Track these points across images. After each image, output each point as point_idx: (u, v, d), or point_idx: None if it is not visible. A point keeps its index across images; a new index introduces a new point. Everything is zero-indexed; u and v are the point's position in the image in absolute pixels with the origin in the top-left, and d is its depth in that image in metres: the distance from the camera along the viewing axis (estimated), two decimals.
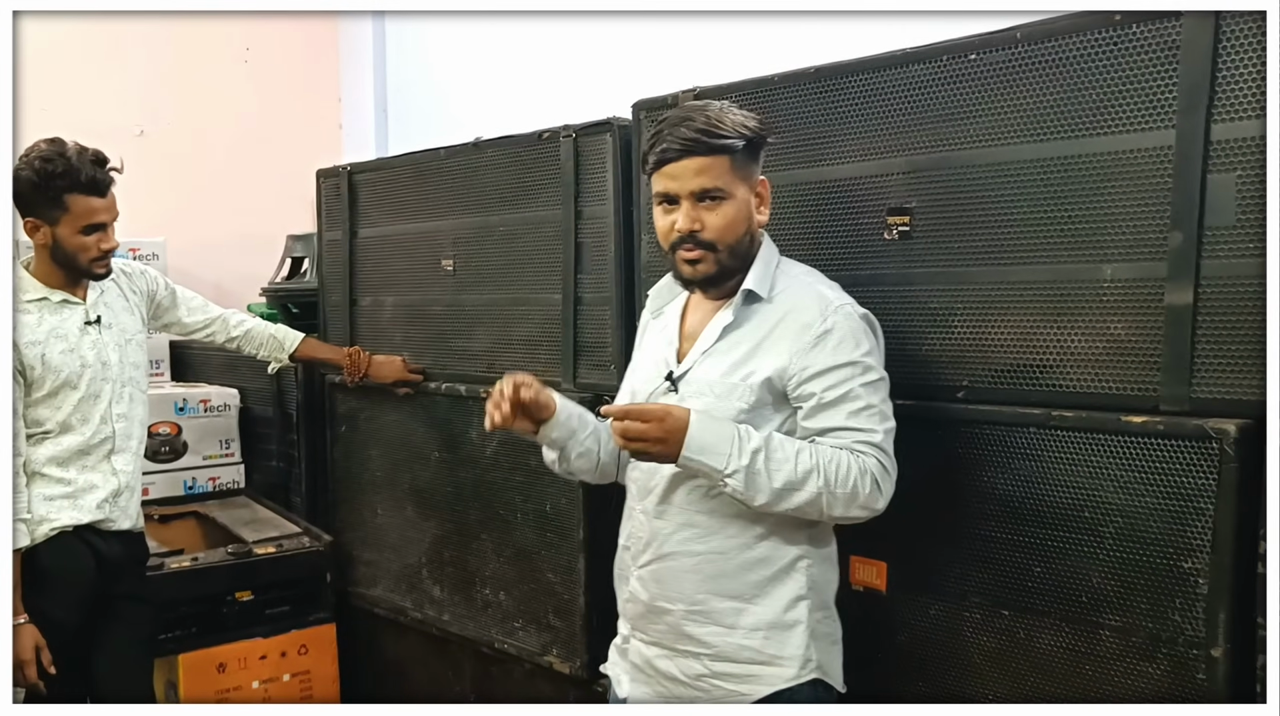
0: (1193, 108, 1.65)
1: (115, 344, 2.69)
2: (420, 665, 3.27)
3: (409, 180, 3.17)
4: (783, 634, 1.81)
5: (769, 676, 1.80)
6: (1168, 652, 1.69)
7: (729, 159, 1.78)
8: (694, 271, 1.83)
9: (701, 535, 1.83)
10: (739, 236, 1.81)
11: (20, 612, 2.48)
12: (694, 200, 1.78)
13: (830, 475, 1.69)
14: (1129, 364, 1.74)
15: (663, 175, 1.80)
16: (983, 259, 1.90)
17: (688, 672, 1.86)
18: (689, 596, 1.83)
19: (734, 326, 1.84)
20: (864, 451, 1.73)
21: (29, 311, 2.59)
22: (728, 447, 1.69)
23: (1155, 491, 1.69)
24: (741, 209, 1.81)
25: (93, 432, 2.63)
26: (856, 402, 1.74)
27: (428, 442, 3.12)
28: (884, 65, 2.02)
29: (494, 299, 2.88)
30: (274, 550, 3.28)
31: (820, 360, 1.75)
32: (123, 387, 2.70)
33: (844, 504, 1.71)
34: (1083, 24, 1.77)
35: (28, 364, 2.55)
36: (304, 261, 3.94)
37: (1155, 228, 1.70)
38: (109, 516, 2.65)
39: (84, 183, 2.51)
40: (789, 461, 1.70)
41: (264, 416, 3.80)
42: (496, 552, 2.90)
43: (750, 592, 1.81)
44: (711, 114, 1.78)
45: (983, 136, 1.89)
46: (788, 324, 1.80)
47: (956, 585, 1.94)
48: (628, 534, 1.97)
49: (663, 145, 1.78)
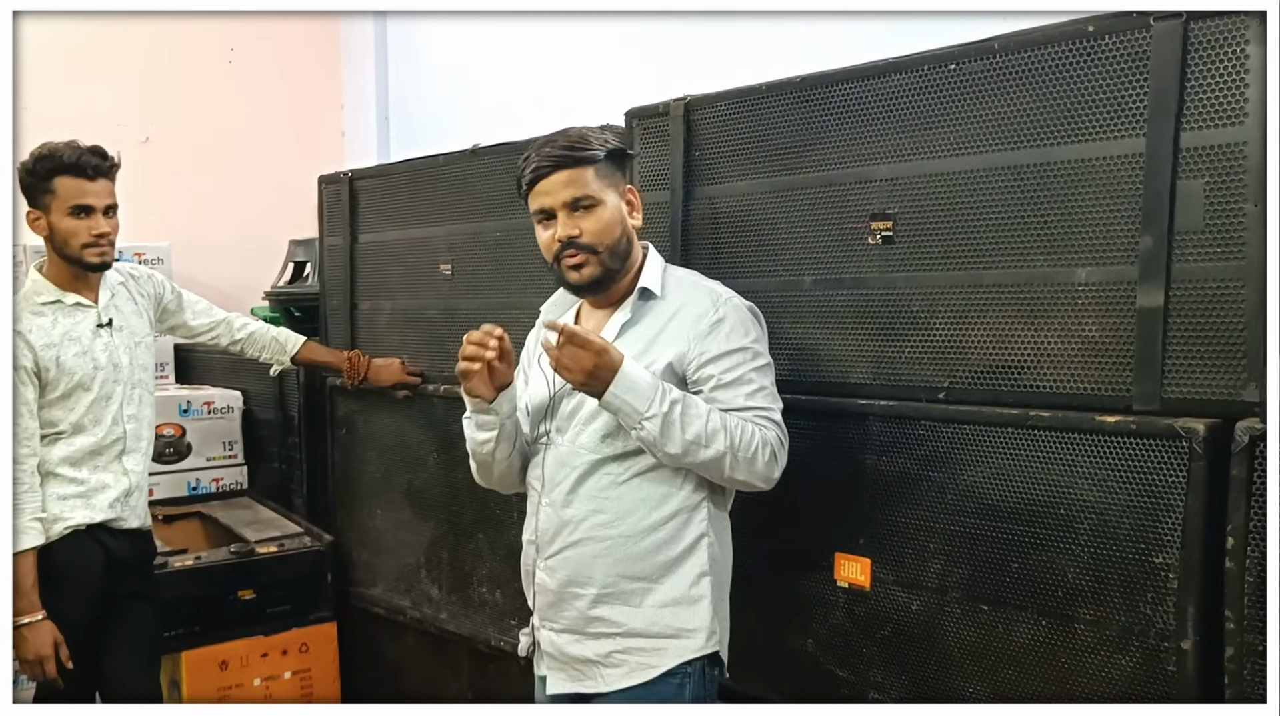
0: (1162, 115, 1.70)
1: (126, 346, 2.73)
2: (418, 663, 3.32)
3: (408, 187, 3.23)
4: (689, 608, 1.92)
5: (677, 648, 1.92)
6: (1140, 645, 1.73)
7: (593, 169, 1.92)
8: (580, 276, 1.94)
9: (611, 521, 1.92)
10: (616, 238, 1.94)
11: (38, 609, 2.52)
12: (569, 210, 1.92)
13: (736, 438, 1.83)
14: (1102, 364, 1.79)
15: (537, 193, 1.94)
16: (961, 263, 1.95)
17: (599, 652, 1.95)
18: (600, 580, 1.93)
19: (632, 323, 1.97)
20: (764, 425, 1.88)
21: (43, 314, 2.63)
22: (651, 393, 1.81)
23: (1127, 488, 1.74)
24: (614, 213, 1.94)
25: (104, 433, 2.66)
26: (751, 385, 1.90)
27: (425, 445, 3.17)
28: (866, 75, 2.07)
29: (489, 303, 2.93)
30: (275, 550, 3.34)
31: (715, 346, 1.89)
32: (133, 389, 2.73)
33: (745, 467, 1.85)
34: (1057, 35, 1.81)
35: (43, 366, 2.58)
36: (306, 266, 3.99)
37: (1127, 232, 1.75)
38: (120, 515, 2.69)
39: (69, 164, 2.56)
40: (701, 418, 1.83)
41: (266, 419, 3.86)
42: (492, 551, 2.95)
43: (657, 573, 1.92)
44: (573, 134, 1.95)
45: (961, 144, 1.94)
46: (682, 315, 1.94)
47: (937, 580, 1.99)
48: (532, 530, 2.04)
49: (533, 165, 1.93)
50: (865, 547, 2.09)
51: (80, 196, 2.58)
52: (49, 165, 2.56)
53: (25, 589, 2.51)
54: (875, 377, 2.08)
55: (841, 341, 2.13)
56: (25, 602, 2.51)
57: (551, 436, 2.01)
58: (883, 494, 2.05)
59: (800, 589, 2.19)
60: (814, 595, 2.17)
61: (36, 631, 2.52)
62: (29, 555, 2.52)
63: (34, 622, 2.51)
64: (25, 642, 2.51)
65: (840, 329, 2.13)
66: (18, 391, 2.54)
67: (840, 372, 2.13)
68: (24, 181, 2.61)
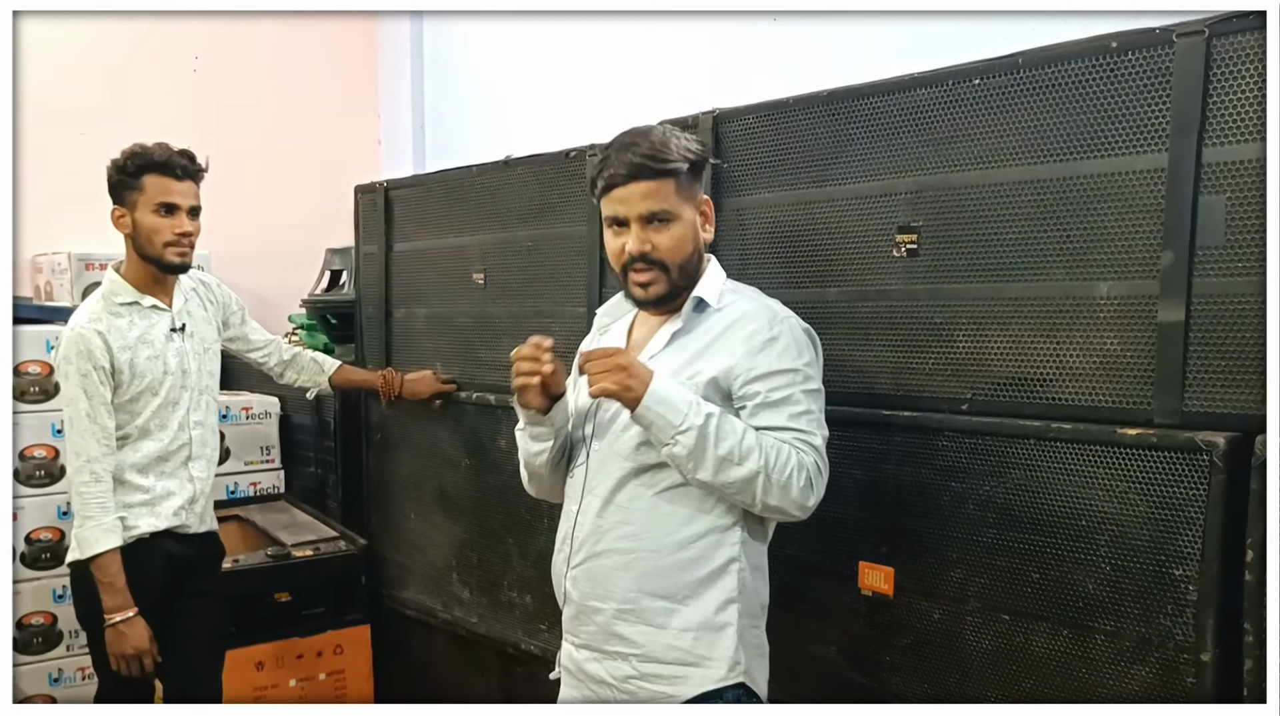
0: (1185, 131, 1.71)
1: (195, 352, 2.78)
2: (448, 664, 3.36)
3: (442, 196, 3.28)
4: (712, 635, 1.84)
5: (697, 677, 1.83)
6: (1159, 656, 1.74)
7: (674, 182, 1.84)
8: (646, 293, 1.89)
9: (637, 532, 1.86)
10: (688, 255, 1.88)
11: (130, 605, 2.57)
12: (643, 223, 1.84)
13: (771, 459, 1.76)
14: (1123, 378, 1.80)
15: (611, 199, 1.86)
16: (983, 276, 1.97)
17: (615, 675, 1.88)
18: (620, 595, 1.86)
19: (683, 332, 1.91)
20: (803, 449, 1.80)
21: (121, 315, 2.67)
22: (685, 407, 1.75)
23: (1147, 501, 1.75)
24: (689, 229, 1.88)
25: (170, 439, 2.70)
26: (798, 407, 1.82)
27: (457, 450, 3.22)
28: (892, 89, 2.09)
29: (521, 311, 2.98)
30: (311, 553, 3.38)
31: (765, 363, 1.82)
32: (200, 396, 2.78)
33: (779, 492, 1.77)
34: (1080, 50, 1.83)
35: (118, 367, 2.61)
36: (342, 274, 4.04)
37: (1148, 247, 1.76)
38: (185, 522, 2.73)
39: (158, 162, 2.62)
40: (735, 434, 1.76)
41: (303, 424, 3.92)
42: (521, 556, 2.99)
43: (682, 593, 1.84)
44: (655, 139, 1.84)
45: (985, 157, 1.96)
46: (735, 330, 1.87)
47: (958, 589, 2.00)
48: (562, 536, 2.00)
49: (610, 171, 1.84)
50: (889, 556, 2.11)
51: (166, 194, 2.63)
52: (139, 162, 2.62)
53: (119, 586, 2.56)
54: (898, 388, 2.10)
55: (865, 352, 2.15)
56: (120, 599, 2.56)
57: (590, 441, 1.96)
58: (905, 503, 2.07)
59: (824, 596, 2.21)
60: (838, 603, 2.19)
61: (134, 626, 2.56)
62: (115, 554, 2.56)
63: (129, 619, 2.56)
64: (122, 638, 2.56)
65: (864, 340, 2.15)
66: (93, 396, 2.57)
67: (864, 383, 2.15)
68: (113, 178, 2.65)
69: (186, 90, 4.46)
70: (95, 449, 2.58)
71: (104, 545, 2.55)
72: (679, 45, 3.47)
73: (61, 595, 3.33)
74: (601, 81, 3.81)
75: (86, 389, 2.58)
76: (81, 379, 2.58)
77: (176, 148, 2.67)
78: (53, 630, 3.35)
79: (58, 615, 3.35)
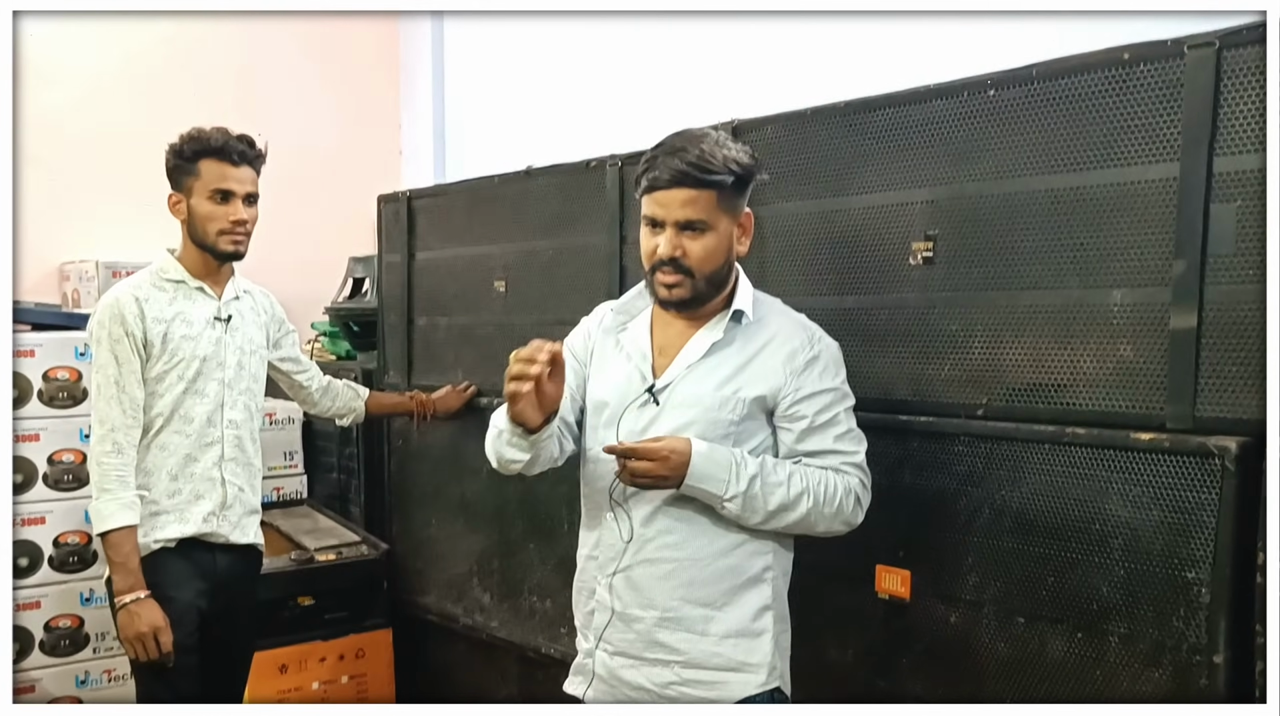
0: (1196, 142, 1.74)
1: (238, 348, 2.66)
2: (469, 669, 3.39)
3: (464, 206, 3.33)
4: (751, 641, 1.89)
5: (738, 683, 1.88)
6: (1172, 659, 1.77)
7: (716, 194, 1.83)
8: (670, 295, 1.89)
9: (680, 541, 1.88)
10: (717, 267, 1.88)
11: (142, 586, 2.45)
12: (678, 228, 1.84)
13: (819, 495, 1.84)
14: (1136, 384, 1.83)
15: (651, 200, 1.86)
16: (999, 284, 2.00)
17: (656, 681, 1.89)
18: (662, 603, 1.88)
19: (723, 344, 1.91)
20: (848, 471, 1.89)
21: (164, 289, 2.58)
22: (726, 475, 1.80)
23: (1160, 506, 1.78)
24: (723, 241, 1.87)
25: (199, 434, 2.58)
26: (840, 427, 1.90)
27: (478, 457, 3.20)
28: (908, 100, 2.13)
29: (542, 320, 3.01)
30: (334, 557, 3.42)
31: (810, 384, 1.88)
32: (237, 395, 2.65)
33: (828, 520, 1.87)
34: (1093, 62, 1.87)
35: (150, 339, 2.52)
36: (365, 282, 4.07)
37: (1160, 255, 1.79)
38: (216, 529, 2.60)
39: (216, 147, 2.55)
40: (782, 485, 1.83)
41: (325, 430, 3.94)
42: (541, 561, 3.03)
43: (720, 600, 1.88)
44: (705, 147, 1.82)
45: (999, 168, 1.99)
46: (774, 348, 1.90)
47: (974, 593, 2.03)
48: (594, 543, 1.99)
49: (654, 173, 1.83)
50: (905, 560, 2.13)
51: (222, 180, 2.56)
52: (196, 147, 2.56)
53: (131, 566, 2.45)
54: (915, 395, 2.13)
55: (882, 360, 2.18)
56: (133, 580, 2.45)
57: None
58: (922, 508, 2.10)
59: (841, 600, 2.23)
60: (855, 607, 2.22)
61: (145, 606, 2.44)
62: (130, 532, 2.46)
63: (141, 599, 2.44)
64: (135, 618, 2.43)
65: (881, 348, 2.18)
66: (124, 363, 2.48)
67: (881, 390, 2.18)
68: (169, 163, 2.59)
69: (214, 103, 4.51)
70: (120, 418, 2.48)
71: (119, 521, 2.45)
72: (700, 53, 3.50)
73: (89, 598, 3.38)
74: (621, 91, 3.84)
75: (117, 354, 2.49)
76: (113, 344, 2.49)
77: (235, 133, 2.61)
78: (79, 633, 3.39)
79: (84, 618, 3.39)
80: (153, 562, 2.51)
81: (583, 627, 2.04)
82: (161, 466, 2.56)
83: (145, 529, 2.52)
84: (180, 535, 2.56)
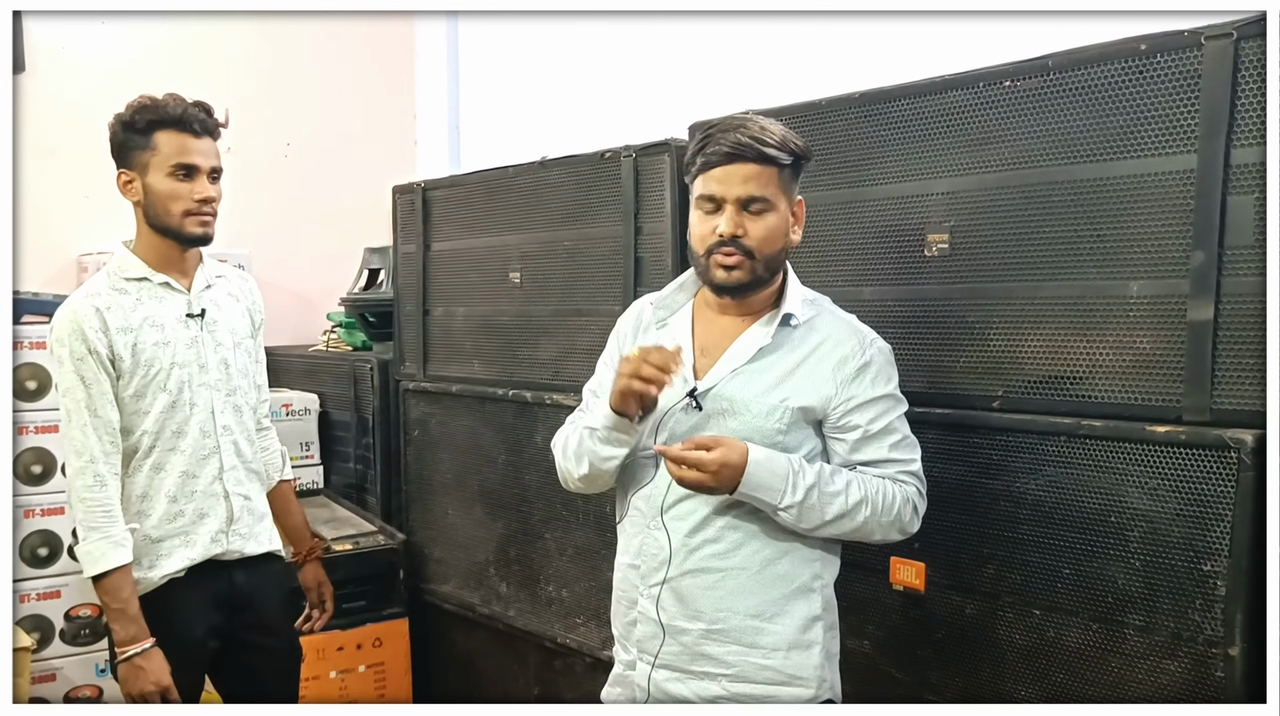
0: (1213, 133, 1.74)
1: (217, 344, 2.35)
2: (487, 658, 3.41)
3: (479, 196, 3.33)
4: (801, 653, 1.82)
5: (788, 697, 1.81)
6: (1188, 651, 1.77)
7: (776, 171, 1.77)
8: (728, 277, 1.80)
9: (726, 551, 1.82)
10: (776, 250, 1.81)
11: (147, 635, 2.19)
12: (739, 206, 1.77)
13: (877, 504, 1.79)
14: (1153, 376, 1.83)
15: (709, 178, 1.78)
16: (1016, 276, 2.00)
17: (703, 695, 1.83)
18: (709, 614, 1.82)
19: (771, 349, 1.84)
20: (905, 480, 1.84)
21: (126, 292, 2.26)
22: (781, 485, 1.74)
23: (1177, 497, 1.78)
24: (782, 223, 1.81)
25: (194, 450, 2.30)
26: (895, 435, 1.84)
27: (495, 446, 3.27)
28: (924, 91, 2.12)
29: (558, 310, 3.02)
30: (351, 547, 3.44)
31: (862, 392, 1.82)
32: (227, 397, 2.35)
33: (885, 529, 1.82)
34: (1110, 53, 1.86)
35: (117, 354, 2.22)
36: (380, 273, 4.10)
37: (1178, 247, 1.79)
38: (227, 547, 2.34)
39: (174, 117, 2.23)
40: (840, 495, 1.77)
41: (342, 420, 3.98)
42: (559, 551, 3.04)
43: (769, 611, 1.81)
44: (766, 123, 1.78)
45: (1017, 159, 1.99)
46: (824, 354, 1.83)
47: (990, 585, 2.04)
48: (636, 551, 1.91)
49: (713, 148, 1.76)
50: (920, 552, 2.14)
51: (184, 154, 2.23)
52: (150, 117, 2.23)
53: (131, 612, 2.18)
54: (932, 386, 2.13)
55: (900, 350, 2.15)
56: (134, 629, 2.17)
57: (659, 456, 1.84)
58: (939, 499, 2.09)
59: (856, 591, 2.23)
60: (870, 598, 2.23)
61: (151, 659, 2.18)
62: (126, 572, 2.19)
63: (146, 650, 2.18)
64: (140, 674, 2.17)
65: (899, 338, 2.16)
66: (91, 383, 2.20)
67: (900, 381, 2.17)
68: (117, 137, 2.26)
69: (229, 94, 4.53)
70: (98, 447, 2.20)
71: (113, 561, 2.17)
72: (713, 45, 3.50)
73: None
74: (636, 83, 3.84)
75: (83, 375, 2.19)
76: (76, 364, 2.19)
77: (191, 99, 2.27)
78: (99, 622, 3.41)
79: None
80: (159, 597, 2.27)
81: (621, 638, 1.97)
82: (159, 490, 2.28)
83: (148, 561, 2.27)
84: (188, 562, 2.30)
